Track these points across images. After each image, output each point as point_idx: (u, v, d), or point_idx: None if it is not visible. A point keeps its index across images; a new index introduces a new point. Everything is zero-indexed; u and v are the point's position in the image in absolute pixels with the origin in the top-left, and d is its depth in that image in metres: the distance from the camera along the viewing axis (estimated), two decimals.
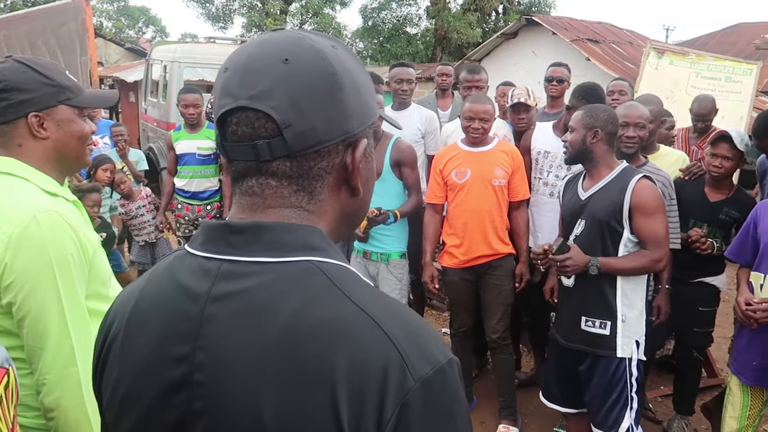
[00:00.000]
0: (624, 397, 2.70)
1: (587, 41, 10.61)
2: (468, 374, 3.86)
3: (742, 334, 2.81)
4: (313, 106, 0.74)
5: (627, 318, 2.69)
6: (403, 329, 0.70)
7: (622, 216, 2.64)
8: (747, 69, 7.19)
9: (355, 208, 0.86)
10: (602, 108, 2.82)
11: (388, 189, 3.65)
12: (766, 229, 2.68)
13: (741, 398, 2.80)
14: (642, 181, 2.65)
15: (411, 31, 26.78)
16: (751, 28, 15.89)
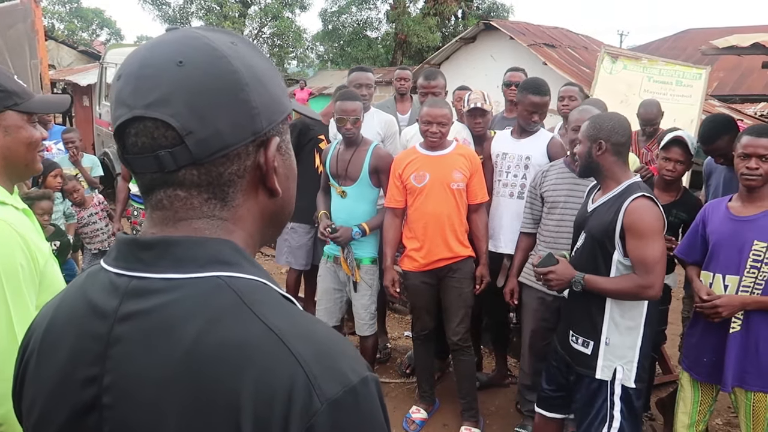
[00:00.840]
0: (602, 415, 2.60)
1: (544, 46, 10.80)
2: (430, 377, 3.88)
3: (692, 332, 2.88)
4: (215, 109, 0.70)
5: (611, 342, 2.57)
6: (312, 349, 0.67)
7: (614, 236, 2.51)
8: (697, 73, 7.41)
9: (277, 209, 0.82)
10: (607, 117, 2.67)
11: (363, 195, 3.66)
12: (714, 229, 2.76)
13: (692, 394, 2.87)
14: (639, 200, 2.48)
15: (371, 34, 26.86)
16: (701, 33, 16.43)
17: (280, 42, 26.39)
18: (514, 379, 4.18)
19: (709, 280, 2.73)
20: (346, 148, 3.68)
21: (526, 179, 3.60)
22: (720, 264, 2.71)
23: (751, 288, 2.62)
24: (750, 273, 2.61)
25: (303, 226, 4.41)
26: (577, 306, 2.68)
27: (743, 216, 2.67)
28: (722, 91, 13.32)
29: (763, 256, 2.59)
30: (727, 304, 2.62)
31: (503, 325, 4.22)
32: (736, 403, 2.78)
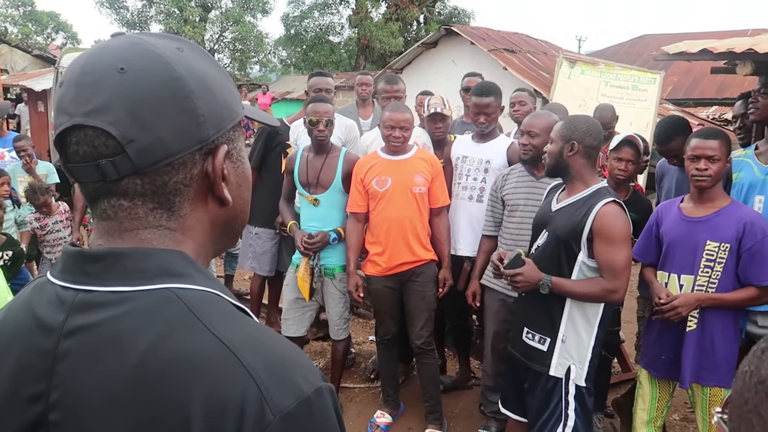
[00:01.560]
0: (558, 413, 2.64)
1: (504, 51, 10.95)
2: (394, 381, 3.88)
3: (650, 330, 2.95)
4: (157, 117, 0.69)
5: (567, 339, 2.62)
6: (265, 360, 0.66)
7: (581, 238, 2.54)
8: (651, 78, 7.61)
9: (229, 218, 0.81)
10: (582, 119, 2.71)
11: (334, 202, 3.65)
12: (668, 229, 2.84)
13: (650, 391, 2.94)
14: (609, 205, 2.51)
15: (334, 39, 26.87)
16: (655, 39, 16.86)
17: (241, 47, 26.18)
18: (477, 381, 4.21)
19: (665, 279, 2.81)
20: (316, 154, 3.64)
21: (486, 183, 3.65)
22: (675, 264, 2.78)
23: (705, 287, 2.69)
24: (704, 272, 2.69)
25: (268, 231, 4.37)
26: (536, 303, 2.70)
27: (695, 217, 2.75)
28: (676, 95, 13.70)
29: (715, 255, 2.66)
30: (683, 303, 2.69)
31: (466, 328, 4.25)
32: (693, 399, 2.86)
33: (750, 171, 3.09)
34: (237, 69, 26.54)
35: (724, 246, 2.65)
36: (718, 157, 2.65)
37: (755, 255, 2.61)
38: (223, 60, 26.37)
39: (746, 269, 2.63)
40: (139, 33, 0.78)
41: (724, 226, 2.66)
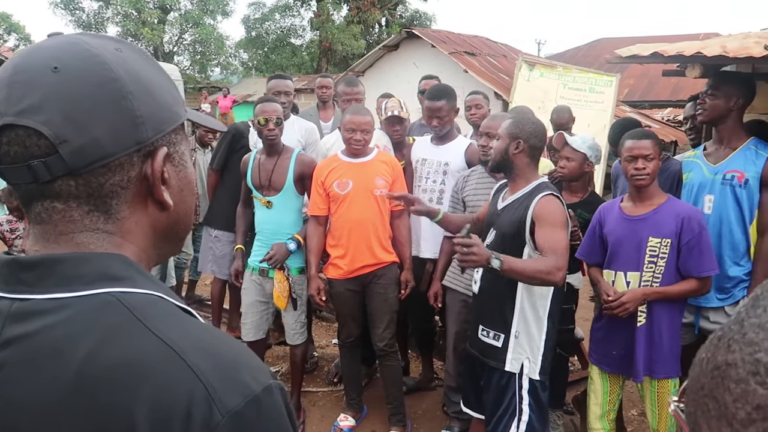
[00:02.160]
0: (512, 409, 2.68)
1: (465, 54, 11.05)
2: (357, 384, 3.88)
3: (598, 326, 3.01)
4: (93, 117, 0.68)
5: (520, 335, 2.67)
6: (211, 361, 0.65)
7: (525, 231, 2.61)
8: (608, 80, 7.75)
9: (171, 223, 0.79)
10: (529, 120, 2.78)
11: (289, 205, 3.63)
12: (611, 229, 2.91)
13: (602, 386, 3.01)
14: (547, 197, 2.61)
15: (296, 42, 26.74)
16: (612, 42, 17.22)
17: (202, 49, 25.86)
18: (440, 382, 4.23)
19: (612, 278, 2.88)
20: (268, 156, 3.63)
21: (445, 185, 3.67)
22: (621, 262, 2.85)
23: (650, 281, 2.79)
24: (648, 268, 2.78)
25: (228, 234, 4.33)
26: (489, 301, 2.76)
27: (636, 215, 2.84)
28: (632, 97, 14.02)
29: (658, 250, 2.76)
30: (631, 298, 2.77)
31: (429, 329, 4.27)
32: (642, 392, 2.94)
33: (699, 171, 3.19)
34: (197, 71, 26.20)
35: (666, 241, 2.74)
36: (653, 156, 2.75)
37: (693, 248, 2.71)
38: (182, 62, 26.00)
39: (686, 262, 2.73)
40: (77, 33, 0.76)
41: (663, 222, 2.76)
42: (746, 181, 3.01)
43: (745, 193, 3.02)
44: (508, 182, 2.82)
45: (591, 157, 3.28)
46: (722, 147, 3.13)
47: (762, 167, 2.99)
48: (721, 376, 0.39)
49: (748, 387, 0.37)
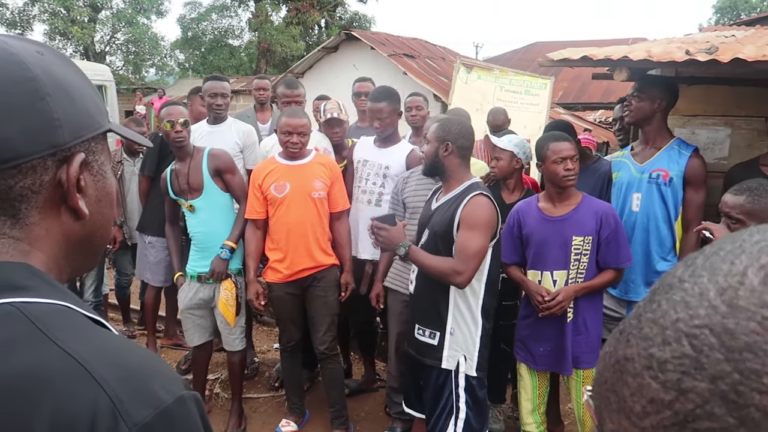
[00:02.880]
0: (449, 406, 2.72)
1: (404, 56, 11.12)
2: (299, 388, 3.84)
3: (524, 324, 3.07)
4: (4, 115, 0.65)
5: (455, 332, 2.71)
6: (119, 372, 0.63)
7: (453, 231, 2.65)
8: (542, 83, 7.95)
9: (86, 234, 0.76)
10: (456, 121, 2.83)
11: (214, 203, 3.55)
12: (533, 230, 2.98)
13: (531, 381, 3.08)
14: (477, 197, 2.63)
15: (233, 43, 26.32)
16: (547, 46, 17.70)
17: (135, 49, 25.11)
18: (382, 383, 4.24)
19: (538, 277, 2.95)
20: (180, 161, 3.56)
21: (384, 188, 3.68)
22: (548, 262, 2.93)
23: (575, 278, 2.89)
24: (574, 265, 2.88)
25: (161, 240, 4.21)
26: (424, 299, 2.79)
27: (558, 216, 2.93)
28: (566, 99, 14.44)
29: (581, 248, 2.86)
30: (566, 296, 2.86)
31: (370, 331, 4.27)
32: (568, 384, 3.03)
33: (628, 170, 3.31)
34: (131, 72, 25.43)
35: (588, 239, 2.85)
36: (577, 156, 2.87)
37: (611, 242, 2.85)
38: (115, 63, 25.16)
39: (605, 255, 2.86)
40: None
41: (584, 220, 2.87)
42: (671, 179, 3.15)
43: (670, 191, 3.15)
44: (442, 184, 2.86)
45: (518, 153, 3.36)
46: (648, 147, 3.26)
47: (685, 166, 3.12)
48: (620, 371, 0.40)
49: (642, 381, 0.38)
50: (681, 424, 0.35)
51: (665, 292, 0.40)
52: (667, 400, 0.36)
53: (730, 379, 0.34)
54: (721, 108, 3.87)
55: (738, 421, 0.33)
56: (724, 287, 0.37)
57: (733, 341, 0.34)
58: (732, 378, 0.34)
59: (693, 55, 2.93)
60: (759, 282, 0.36)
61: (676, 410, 0.36)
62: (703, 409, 0.34)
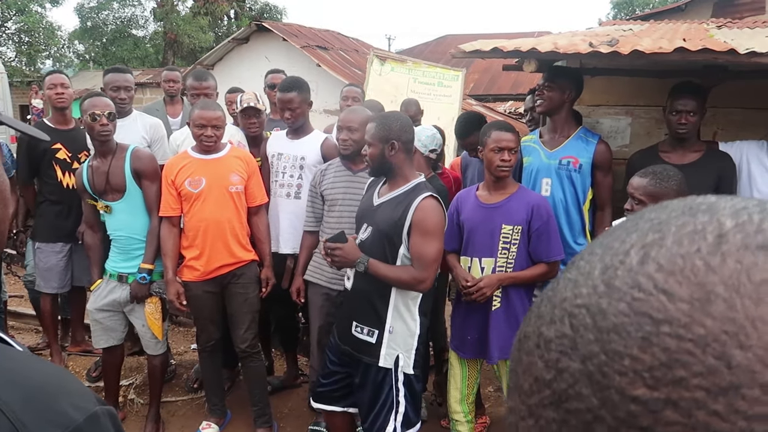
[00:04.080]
0: (390, 402, 2.72)
1: (317, 48, 11.02)
2: (219, 389, 3.74)
3: (457, 314, 3.14)
4: None
5: (394, 330, 2.69)
6: (21, 393, 0.59)
7: (402, 232, 2.61)
8: (454, 75, 8.08)
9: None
10: (394, 117, 2.76)
11: (136, 204, 3.40)
12: (467, 216, 3.04)
13: (461, 371, 3.14)
14: (427, 200, 2.60)
15: (138, 33, 25.19)
16: (458, 38, 18.02)
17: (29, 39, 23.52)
18: (305, 378, 4.20)
19: (468, 264, 3.01)
20: (101, 158, 3.37)
21: (302, 180, 3.64)
22: (476, 249, 2.99)
23: (504, 267, 2.94)
24: (502, 254, 2.93)
25: (51, 245, 3.98)
26: (362, 297, 2.74)
27: (491, 203, 2.99)
28: (477, 91, 14.78)
29: (510, 237, 2.92)
30: (488, 284, 2.91)
31: (292, 326, 4.22)
32: (499, 372, 3.11)
33: (538, 156, 3.42)
34: (25, 64, 23.81)
35: (517, 228, 2.91)
36: (516, 149, 2.92)
37: (542, 235, 2.91)
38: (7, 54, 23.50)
39: (536, 247, 2.92)
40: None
41: (515, 210, 2.93)
42: (580, 165, 3.29)
43: (580, 177, 3.29)
44: (387, 180, 2.79)
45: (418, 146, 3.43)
46: (557, 135, 3.38)
47: (593, 153, 3.27)
48: (518, 348, 0.40)
49: (532, 359, 0.38)
50: (556, 404, 0.35)
51: (567, 270, 0.40)
52: (547, 379, 0.36)
53: (597, 359, 0.33)
54: (622, 98, 4.08)
55: (600, 402, 0.33)
56: (607, 266, 0.36)
57: (604, 321, 0.34)
58: (599, 359, 0.33)
59: (596, 47, 3.06)
60: (637, 261, 0.35)
61: (554, 389, 0.35)
62: (574, 389, 0.34)
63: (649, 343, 0.32)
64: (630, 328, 0.33)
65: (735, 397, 0.30)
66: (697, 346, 0.31)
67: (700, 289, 0.32)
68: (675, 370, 0.31)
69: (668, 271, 0.33)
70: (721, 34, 3.96)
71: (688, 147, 3.16)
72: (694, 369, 0.31)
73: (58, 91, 4.00)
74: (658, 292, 0.33)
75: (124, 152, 3.37)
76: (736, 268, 0.32)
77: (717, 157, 3.14)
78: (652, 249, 0.35)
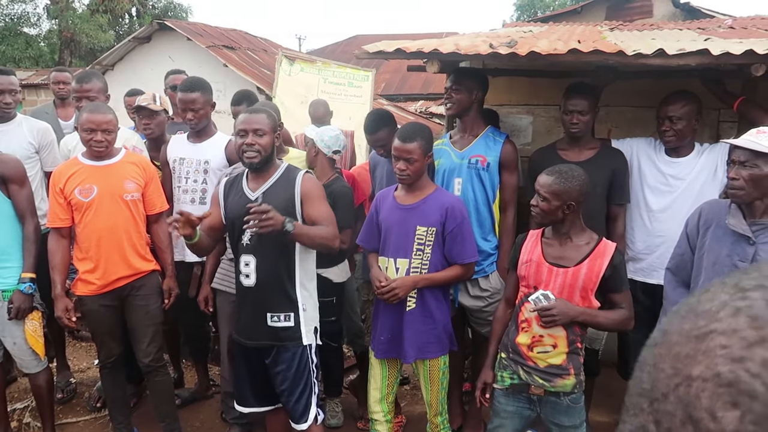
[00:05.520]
0: (309, 385, 2.80)
1: (223, 48, 10.75)
2: (124, 406, 3.54)
3: (376, 314, 3.13)
4: None
5: (307, 307, 2.78)
6: None
7: (295, 209, 2.72)
8: (365, 75, 8.10)
9: None
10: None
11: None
12: (385, 216, 3.03)
13: (380, 370, 3.13)
14: (306, 174, 2.81)
15: (30, 31, 23.66)
16: (368, 39, 18.05)
17: None
18: (218, 389, 4.07)
19: (386, 264, 3.00)
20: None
21: (207, 184, 3.52)
22: (392, 249, 2.99)
23: (419, 269, 2.93)
24: (417, 255, 2.93)
25: None
26: (271, 287, 2.75)
27: (407, 204, 2.98)
28: (389, 90, 14.89)
29: (425, 238, 2.92)
30: (401, 285, 2.90)
31: (201, 335, 4.08)
32: (417, 371, 3.11)
33: (448, 157, 3.46)
34: None
35: (431, 230, 2.92)
36: (417, 158, 2.88)
37: (456, 236, 2.93)
38: None
39: (450, 249, 2.94)
40: None
41: (430, 211, 2.93)
42: (488, 164, 3.35)
43: (488, 175, 3.35)
44: (258, 175, 2.81)
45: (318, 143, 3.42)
46: (466, 135, 3.43)
47: (500, 152, 3.34)
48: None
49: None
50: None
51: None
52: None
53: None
54: (523, 98, 4.20)
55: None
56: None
57: None
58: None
59: (496, 48, 3.12)
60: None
61: None
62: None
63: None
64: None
65: None
66: None
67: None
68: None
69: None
70: (613, 36, 4.16)
71: (584, 144, 3.28)
72: None
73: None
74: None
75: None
76: None
77: (611, 154, 3.29)
78: None
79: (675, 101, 3.13)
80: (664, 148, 3.24)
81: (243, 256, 2.77)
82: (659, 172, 3.25)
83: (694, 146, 3.21)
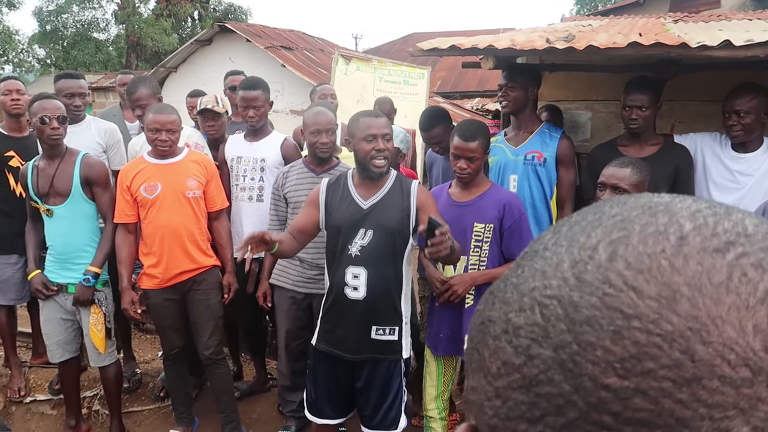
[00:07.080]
0: (400, 396, 2.79)
1: (281, 48, 10.94)
2: (185, 397, 3.67)
3: (432, 311, 3.13)
4: None
5: (407, 319, 2.78)
6: None
7: (410, 222, 2.68)
8: (420, 73, 8.10)
9: None
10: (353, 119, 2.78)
11: (78, 211, 3.32)
12: (440, 214, 3.02)
13: (436, 368, 3.12)
14: (420, 185, 2.82)
15: (99, 36, 24.72)
16: (423, 36, 18.06)
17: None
18: (275, 383, 4.16)
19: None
20: (49, 160, 3.30)
21: (264, 182, 3.60)
22: None
23: (477, 265, 2.92)
24: (474, 252, 2.91)
25: (5, 257, 3.87)
26: (381, 300, 2.70)
27: (462, 201, 2.96)
28: (445, 88, 14.83)
29: (482, 235, 2.90)
30: (459, 282, 2.88)
31: (259, 331, 4.17)
32: None
33: (503, 154, 3.43)
34: None
35: (489, 226, 2.89)
36: (477, 157, 2.85)
37: (514, 232, 2.89)
38: None
39: (508, 245, 2.91)
40: None
41: (487, 208, 2.90)
42: (545, 159, 3.30)
43: (545, 171, 3.30)
44: (369, 182, 2.74)
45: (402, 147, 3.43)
46: (521, 132, 3.40)
47: (556, 147, 3.29)
48: (483, 331, 0.42)
49: (499, 344, 0.40)
50: (526, 387, 0.37)
51: (530, 258, 0.42)
52: (517, 364, 0.38)
53: (569, 349, 0.36)
54: (581, 93, 4.11)
55: (572, 388, 0.35)
56: (576, 260, 0.38)
57: (576, 314, 0.36)
58: (571, 348, 0.36)
59: (552, 43, 3.07)
60: (606, 258, 0.37)
61: (524, 374, 0.38)
62: (545, 375, 0.37)
63: (620, 336, 0.35)
64: (602, 322, 0.35)
65: (697, 387, 0.33)
66: (664, 340, 0.34)
67: (667, 288, 0.35)
68: (644, 362, 0.34)
69: (636, 269, 0.36)
70: (677, 28, 4.01)
71: (645, 140, 3.19)
72: (661, 361, 0.33)
73: (14, 98, 3.88)
74: (627, 288, 0.36)
75: (73, 157, 3.30)
76: (697, 270, 0.35)
77: (674, 150, 3.18)
78: (620, 246, 0.37)
79: (742, 94, 3.00)
80: (731, 143, 3.11)
81: (350, 267, 2.67)
82: (725, 168, 3.12)
83: (762, 141, 3.07)
